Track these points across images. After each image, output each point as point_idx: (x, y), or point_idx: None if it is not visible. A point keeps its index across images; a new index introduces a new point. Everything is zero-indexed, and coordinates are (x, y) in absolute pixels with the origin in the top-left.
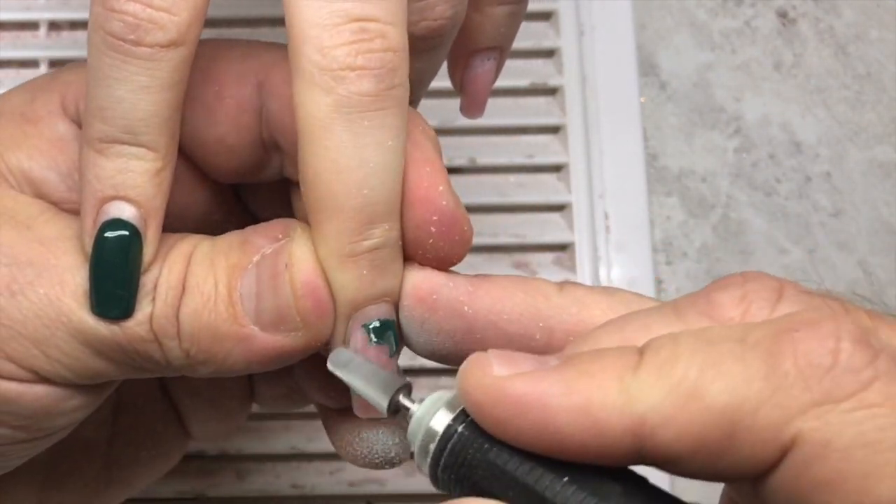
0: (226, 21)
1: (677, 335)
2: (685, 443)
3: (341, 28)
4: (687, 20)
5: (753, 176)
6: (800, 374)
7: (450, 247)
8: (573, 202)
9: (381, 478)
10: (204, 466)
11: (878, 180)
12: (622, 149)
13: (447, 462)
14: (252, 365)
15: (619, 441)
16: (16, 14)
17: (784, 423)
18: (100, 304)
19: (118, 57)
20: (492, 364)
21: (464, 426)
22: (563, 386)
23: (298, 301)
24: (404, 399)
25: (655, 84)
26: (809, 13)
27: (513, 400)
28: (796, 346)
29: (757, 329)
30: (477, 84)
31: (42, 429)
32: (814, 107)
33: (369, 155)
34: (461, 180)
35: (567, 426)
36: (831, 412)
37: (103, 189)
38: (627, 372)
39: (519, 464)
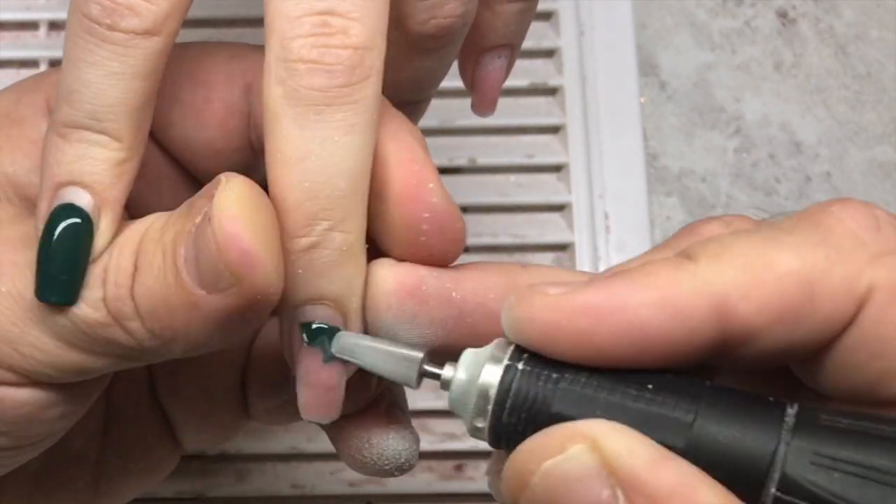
0: (227, 21)
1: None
2: (768, 313)
3: (303, 20)
4: (687, 20)
5: (753, 176)
6: (853, 236)
7: (443, 245)
8: (573, 202)
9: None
10: (204, 466)
11: (878, 180)
12: (622, 149)
13: (515, 402)
14: (213, 334)
15: (704, 325)
16: (16, 14)
17: (857, 276)
18: (42, 289)
19: (91, 40)
20: (546, 288)
21: (523, 363)
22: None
23: (223, 254)
24: (432, 367)
25: (655, 84)
26: (809, 13)
27: (590, 308)
28: (840, 216)
29: (784, 220)
30: (488, 82)
31: (27, 436)
32: (814, 107)
33: (314, 149)
34: (461, 180)
35: (651, 319)
36: (894, 260)
37: (60, 174)
38: (687, 264)
39: (598, 382)
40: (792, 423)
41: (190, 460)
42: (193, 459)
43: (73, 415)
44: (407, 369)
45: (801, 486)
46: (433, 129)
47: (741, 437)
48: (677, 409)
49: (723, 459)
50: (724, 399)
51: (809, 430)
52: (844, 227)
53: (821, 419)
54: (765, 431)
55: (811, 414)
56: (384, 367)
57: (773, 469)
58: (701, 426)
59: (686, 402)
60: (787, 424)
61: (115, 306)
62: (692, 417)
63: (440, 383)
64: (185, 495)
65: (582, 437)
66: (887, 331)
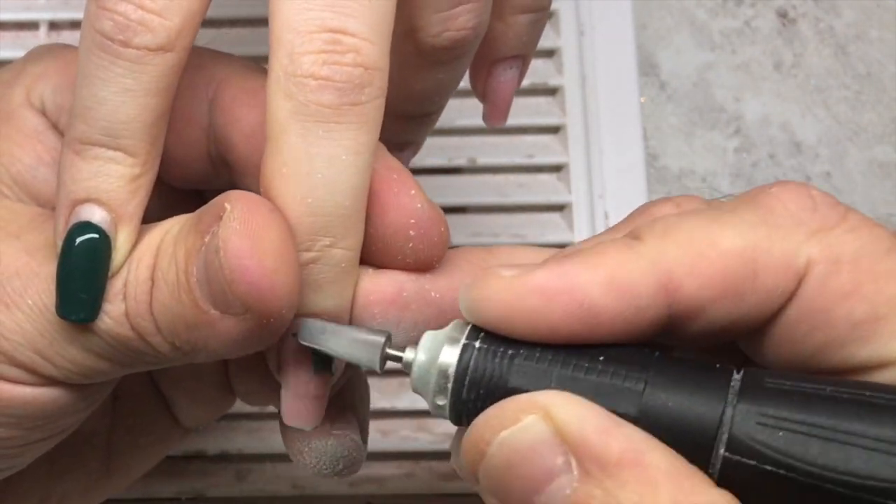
0: (228, 21)
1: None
2: (712, 288)
3: (314, 36)
4: (687, 20)
5: (753, 176)
6: (792, 215)
7: (429, 249)
8: (573, 202)
9: (381, 478)
10: (204, 466)
11: (878, 180)
12: (622, 149)
13: (473, 379)
14: (231, 349)
15: (651, 302)
16: (16, 14)
17: (795, 251)
18: (63, 307)
19: (106, 57)
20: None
21: (480, 341)
22: (584, 265)
23: (231, 286)
24: (394, 350)
25: (655, 84)
26: (809, 13)
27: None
28: (779, 197)
29: (725, 202)
30: (500, 93)
31: (56, 426)
32: (814, 107)
33: (319, 166)
34: (461, 180)
35: (600, 298)
36: (830, 236)
37: (77, 191)
38: (635, 244)
39: (551, 358)
40: (738, 387)
41: (190, 460)
42: (193, 459)
43: (92, 405)
44: (370, 353)
45: (748, 445)
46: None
47: (689, 403)
48: (628, 378)
49: (673, 425)
50: (673, 367)
51: (755, 392)
52: (784, 206)
53: (765, 382)
54: (712, 396)
55: (756, 378)
56: (348, 353)
57: (722, 431)
58: (650, 394)
59: (636, 371)
60: (734, 388)
61: (136, 322)
62: (642, 386)
63: (402, 365)
64: (185, 495)
65: (535, 407)
66: (825, 303)
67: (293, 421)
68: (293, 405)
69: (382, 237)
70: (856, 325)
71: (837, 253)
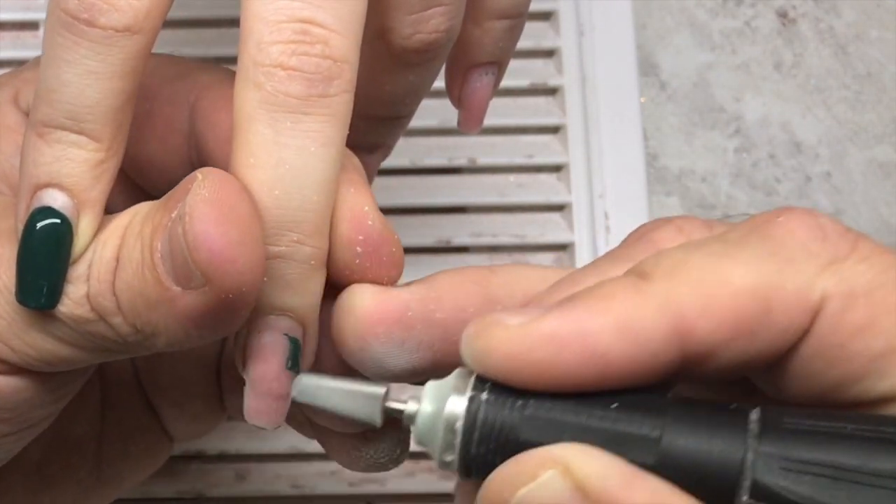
0: (227, 21)
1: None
2: (726, 329)
3: (283, 26)
4: (687, 20)
5: (753, 176)
6: (803, 247)
7: (377, 268)
8: (573, 202)
9: (381, 478)
10: (204, 466)
11: (879, 180)
12: (622, 149)
13: (482, 434)
14: (190, 331)
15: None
16: (16, 14)
17: (809, 286)
18: (22, 292)
19: (70, 37)
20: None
21: (487, 392)
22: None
23: (192, 253)
24: (395, 403)
25: (655, 84)
26: (809, 13)
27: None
28: (788, 226)
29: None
30: (475, 99)
31: (25, 420)
32: (814, 107)
33: (287, 156)
34: (461, 180)
35: (611, 346)
36: (843, 268)
37: (38, 175)
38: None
39: (563, 408)
40: (757, 429)
41: (190, 460)
42: (193, 459)
43: (62, 398)
44: (370, 408)
45: (771, 491)
46: (433, 129)
47: (709, 449)
48: (644, 425)
49: (693, 472)
50: (689, 412)
51: (774, 434)
52: (794, 238)
53: (784, 423)
54: (731, 440)
55: (774, 418)
56: (346, 407)
57: (744, 477)
58: (669, 441)
59: (651, 418)
60: (753, 431)
61: (97, 302)
62: (659, 433)
63: (404, 419)
64: (185, 495)
65: (553, 462)
66: (841, 338)
67: (255, 420)
68: (255, 403)
69: (332, 247)
70: (873, 358)
71: (851, 286)
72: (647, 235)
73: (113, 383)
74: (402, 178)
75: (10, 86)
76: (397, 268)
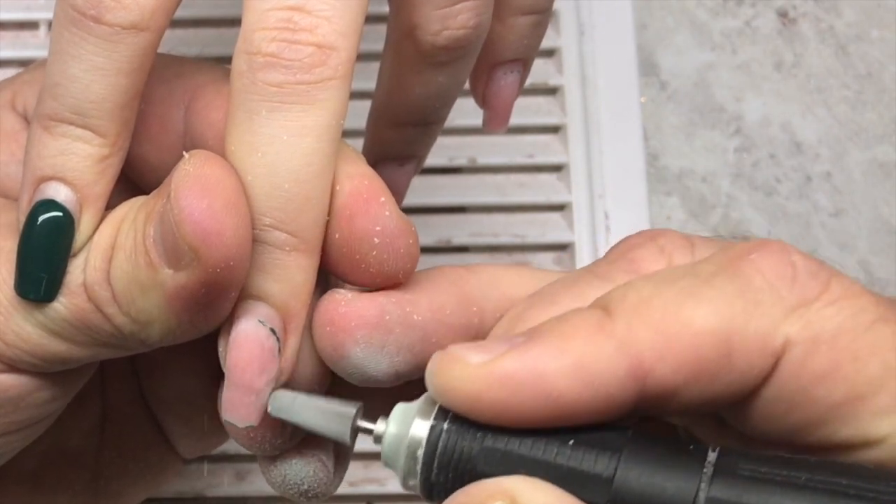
0: (227, 21)
1: (631, 283)
2: (685, 372)
3: (269, 13)
4: (687, 20)
5: (754, 176)
6: (771, 288)
7: (394, 260)
8: (573, 202)
9: (381, 478)
10: (204, 466)
11: (879, 180)
12: (622, 149)
13: (441, 462)
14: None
15: (620, 389)
16: (16, 14)
17: (773, 330)
18: (21, 284)
19: (77, 33)
20: (466, 355)
21: (448, 423)
22: (551, 351)
23: (179, 227)
24: (365, 423)
25: (656, 84)
26: (810, 13)
27: (507, 379)
28: (759, 265)
29: (704, 264)
30: (500, 98)
31: (15, 421)
32: (814, 107)
33: (259, 145)
34: (461, 180)
35: (568, 389)
36: (809, 312)
37: (42, 168)
38: (604, 323)
39: (520, 441)
40: (710, 472)
41: (190, 460)
42: (193, 459)
43: (60, 399)
44: (341, 426)
45: None
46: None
47: (660, 490)
48: (598, 464)
49: None
50: (644, 449)
51: (728, 480)
52: (762, 277)
53: (739, 468)
54: (684, 482)
55: (730, 463)
56: (318, 424)
57: None
58: (620, 480)
59: (606, 456)
60: (706, 474)
61: (94, 291)
62: (612, 472)
63: (373, 438)
64: (185, 495)
65: (502, 494)
66: (803, 383)
67: (226, 413)
68: (227, 394)
69: (347, 242)
70: (834, 405)
71: (816, 331)
72: (629, 254)
73: (114, 399)
74: None
75: (7, 89)
76: (413, 260)
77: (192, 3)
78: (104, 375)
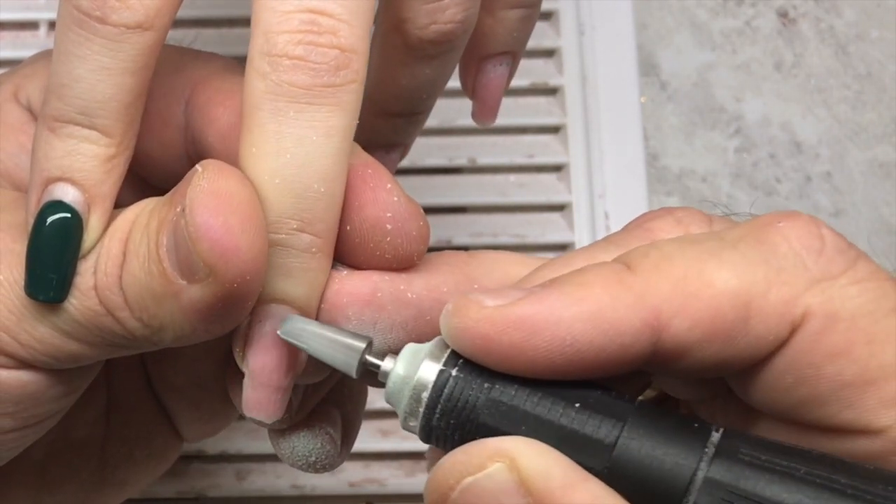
0: (227, 21)
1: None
2: (701, 330)
3: (291, 16)
4: (687, 20)
5: (754, 176)
6: (797, 257)
7: (407, 244)
8: (573, 202)
9: (382, 478)
10: (204, 466)
11: (879, 180)
12: (622, 149)
13: (445, 408)
14: (196, 324)
15: (636, 340)
16: (16, 14)
17: (793, 299)
18: (31, 285)
19: (82, 34)
20: (483, 299)
21: (457, 369)
22: (568, 298)
23: (195, 244)
24: (372, 358)
25: (656, 84)
26: (810, 13)
27: (523, 322)
28: (786, 234)
29: (732, 230)
30: (489, 90)
31: (31, 416)
32: (814, 107)
33: (289, 146)
34: (461, 180)
35: (583, 335)
36: (832, 287)
37: (50, 169)
38: (625, 276)
39: (527, 396)
40: (711, 452)
41: (190, 460)
42: (193, 459)
43: (71, 394)
44: (349, 357)
45: None
46: (433, 129)
47: (659, 464)
48: (601, 429)
49: (639, 485)
50: (649, 422)
51: (727, 463)
52: (789, 245)
53: (740, 452)
54: (684, 460)
55: (732, 445)
56: (327, 354)
57: (687, 499)
58: (621, 449)
59: (609, 423)
60: (707, 454)
61: (105, 296)
62: (614, 439)
63: (379, 375)
64: (185, 495)
65: (501, 455)
66: (815, 358)
67: (253, 412)
68: (254, 395)
69: (359, 232)
70: (842, 386)
71: (837, 307)
72: (646, 224)
73: (120, 387)
74: (402, 178)
75: (9, 83)
76: (425, 241)
77: (192, 3)
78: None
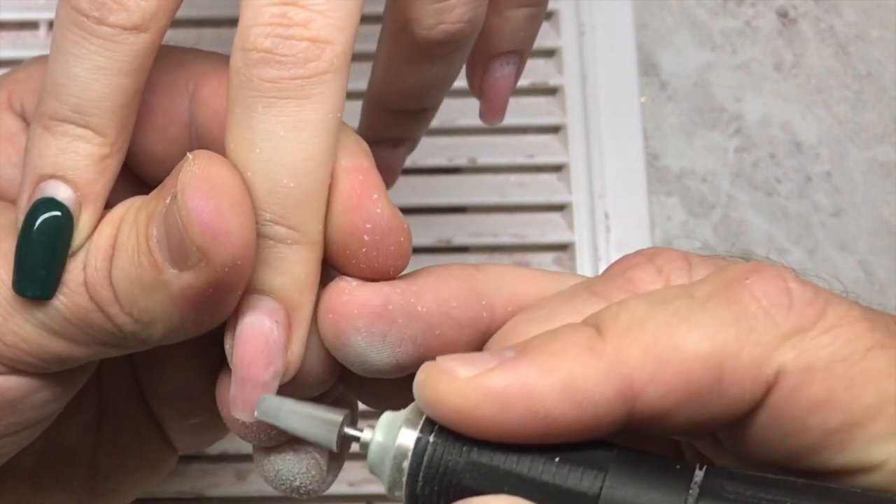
0: (227, 21)
1: (624, 302)
2: (675, 396)
3: (264, 9)
4: (687, 20)
5: (754, 176)
6: (766, 314)
7: (384, 258)
8: (573, 202)
9: None
10: (204, 466)
11: (879, 180)
12: (622, 149)
13: (427, 475)
14: (187, 315)
15: (609, 409)
16: (16, 14)
17: (766, 358)
18: (19, 282)
19: (79, 33)
20: (454, 368)
21: (434, 435)
22: (539, 370)
23: (187, 228)
24: (351, 430)
25: (656, 84)
26: (810, 13)
27: (495, 395)
28: (753, 291)
29: (700, 286)
30: (496, 89)
31: (13, 423)
32: (814, 107)
33: (257, 141)
34: (461, 180)
35: (556, 407)
36: (804, 340)
37: (43, 166)
38: (595, 342)
39: (506, 457)
40: (696, 493)
41: (190, 460)
42: (193, 459)
43: (59, 399)
44: (328, 432)
45: None
46: (433, 129)
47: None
48: (583, 481)
49: None
50: (630, 468)
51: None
52: (758, 304)
53: (725, 490)
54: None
55: (717, 483)
56: (306, 430)
57: None
58: (605, 499)
59: (591, 474)
60: (692, 495)
61: (95, 290)
62: (597, 490)
63: (359, 446)
64: (185, 495)
65: None
66: (797, 412)
67: (235, 409)
68: (238, 391)
69: (337, 238)
70: (829, 433)
71: (811, 360)
72: (627, 273)
73: (111, 394)
74: (402, 178)
75: (3, 89)
76: (404, 258)
77: (192, 3)
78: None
